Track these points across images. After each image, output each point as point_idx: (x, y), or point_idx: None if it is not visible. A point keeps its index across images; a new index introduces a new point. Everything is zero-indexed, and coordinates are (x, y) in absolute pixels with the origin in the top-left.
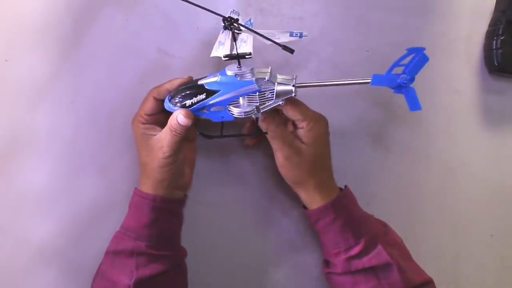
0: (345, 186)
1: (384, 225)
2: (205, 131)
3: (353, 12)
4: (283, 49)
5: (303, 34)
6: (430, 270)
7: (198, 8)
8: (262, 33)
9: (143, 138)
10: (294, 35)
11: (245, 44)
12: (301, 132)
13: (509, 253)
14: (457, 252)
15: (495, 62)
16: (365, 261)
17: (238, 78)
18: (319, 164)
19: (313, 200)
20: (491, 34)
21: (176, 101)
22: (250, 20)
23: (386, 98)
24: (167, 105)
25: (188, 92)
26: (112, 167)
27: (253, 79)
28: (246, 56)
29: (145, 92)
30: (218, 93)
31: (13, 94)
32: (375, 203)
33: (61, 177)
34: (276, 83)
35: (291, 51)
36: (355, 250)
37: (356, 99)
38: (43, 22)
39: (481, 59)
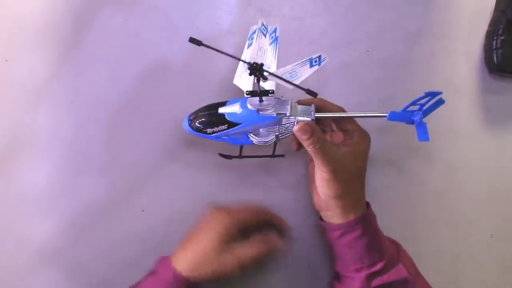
0: (367, 203)
1: (396, 243)
2: (223, 151)
3: (353, 12)
4: (307, 93)
5: (322, 58)
6: (430, 270)
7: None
8: (284, 77)
9: (220, 239)
10: (313, 64)
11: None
12: (349, 143)
13: (509, 253)
14: (457, 252)
15: (495, 62)
16: (385, 278)
17: (260, 113)
18: (361, 178)
19: (345, 214)
20: (491, 34)
21: (197, 126)
22: (275, 30)
23: (386, 99)
24: (187, 127)
25: (209, 119)
26: (112, 167)
27: (275, 114)
28: (269, 94)
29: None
30: (240, 125)
31: (13, 94)
32: (375, 203)
33: (61, 177)
34: (296, 117)
35: (315, 94)
36: (378, 266)
37: (356, 100)
38: (43, 22)
39: (481, 59)
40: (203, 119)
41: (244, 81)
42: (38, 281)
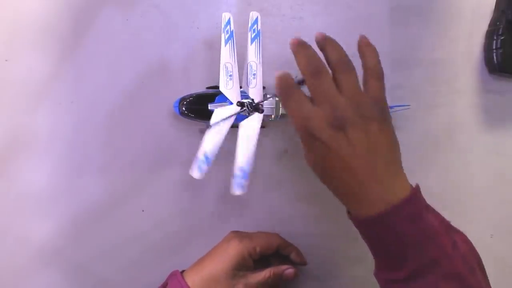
0: (416, 185)
1: (454, 245)
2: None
3: (353, 12)
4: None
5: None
6: None
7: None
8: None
9: (234, 267)
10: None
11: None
12: None
13: (509, 253)
14: None
15: (495, 62)
16: None
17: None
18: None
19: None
20: (491, 34)
21: (184, 111)
22: (256, 21)
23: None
24: (177, 110)
25: (201, 113)
26: (112, 167)
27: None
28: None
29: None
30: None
31: (13, 94)
32: None
33: (61, 177)
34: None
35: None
36: (397, 275)
37: None
38: (43, 22)
39: (481, 59)
40: (193, 107)
41: (229, 92)
42: (38, 281)
